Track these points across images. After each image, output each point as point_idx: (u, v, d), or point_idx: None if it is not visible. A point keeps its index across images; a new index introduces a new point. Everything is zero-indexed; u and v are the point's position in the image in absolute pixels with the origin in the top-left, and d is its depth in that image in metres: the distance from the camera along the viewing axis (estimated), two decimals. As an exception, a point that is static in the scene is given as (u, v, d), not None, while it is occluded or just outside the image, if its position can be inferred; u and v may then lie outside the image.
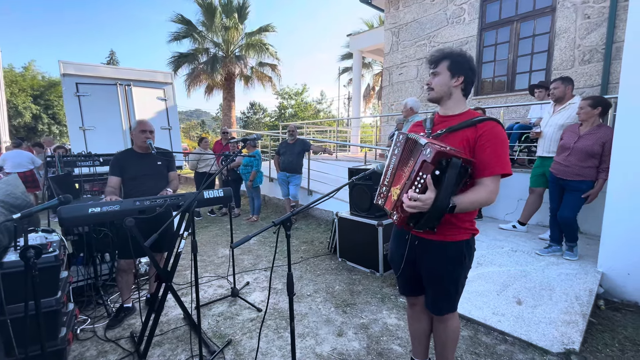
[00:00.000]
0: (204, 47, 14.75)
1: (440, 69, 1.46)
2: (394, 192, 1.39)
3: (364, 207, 3.53)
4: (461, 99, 1.48)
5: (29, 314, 1.49)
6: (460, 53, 1.47)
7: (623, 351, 2.11)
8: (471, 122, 1.39)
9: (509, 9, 5.81)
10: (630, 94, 2.59)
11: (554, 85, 3.34)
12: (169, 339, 2.33)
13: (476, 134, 1.36)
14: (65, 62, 5.36)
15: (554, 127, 3.30)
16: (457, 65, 1.44)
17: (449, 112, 1.49)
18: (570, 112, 3.23)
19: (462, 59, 1.45)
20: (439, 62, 1.47)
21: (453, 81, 1.44)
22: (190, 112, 64.02)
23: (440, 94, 1.48)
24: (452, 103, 1.48)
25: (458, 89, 1.46)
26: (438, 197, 1.20)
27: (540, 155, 3.46)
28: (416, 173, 1.24)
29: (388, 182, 1.45)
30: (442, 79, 1.46)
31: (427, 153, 1.20)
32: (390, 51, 7.69)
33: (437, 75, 1.47)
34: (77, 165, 4.09)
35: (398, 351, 2.16)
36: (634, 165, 2.58)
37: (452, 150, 1.24)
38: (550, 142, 3.33)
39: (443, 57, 1.47)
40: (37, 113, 21.17)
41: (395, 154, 1.44)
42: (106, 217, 2.00)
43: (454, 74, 1.44)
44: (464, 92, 1.48)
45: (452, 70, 1.44)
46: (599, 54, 4.88)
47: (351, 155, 9.80)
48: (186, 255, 3.88)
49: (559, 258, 3.09)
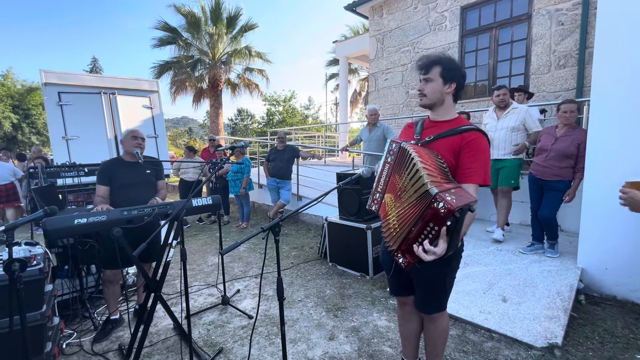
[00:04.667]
0: (189, 54, 14.67)
1: (433, 75, 1.44)
2: (388, 199, 1.41)
3: (353, 211, 3.58)
4: (452, 105, 1.50)
5: (14, 328, 1.46)
6: (451, 59, 1.46)
7: (603, 343, 2.20)
8: (458, 131, 1.43)
9: (488, 16, 6.02)
10: (600, 97, 2.72)
11: (504, 92, 3.56)
12: (159, 350, 2.30)
13: (462, 142, 1.40)
14: (47, 71, 5.27)
15: (505, 130, 3.52)
16: (450, 72, 1.43)
17: (440, 118, 1.51)
18: (517, 115, 3.49)
19: (454, 65, 1.45)
20: (431, 68, 1.45)
21: (446, 88, 1.44)
22: (177, 120, 63.29)
23: (433, 101, 1.48)
24: (443, 109, 1.50)
25: (450, 95, 1.47)
26: (452, 242, 1.20)
27: (495, 158, 3.58)
28: (425, 222, 1.20)
29: (382, 189, 1.46)
30: (435, 85, 1.45)
31: (441, 208, 1.14)
32: (375, 57, 7.84)
33: (429, 82, 1.46)
34: (61, 176, 4.01)
35: (389, 352, 2.19)
36: (607, 164, 2.71)
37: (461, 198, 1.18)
38: (505, 144, 3.53)
39: (434, 63, 1.45)
40: (17, 123, 20.56)
41: (388, 162, 1.45)
42: (93, 227, 1.97)
43: (446, 81, 1.44)
44: (454, 98, 1.49)
45: (445, 77, 1.43)
46: (573, 59, 5.11)
47: (340, 160, 9.86)
48: (175, 265, 3.83)
49: (541, 256, 3.20)
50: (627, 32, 2.57)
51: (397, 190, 1.36)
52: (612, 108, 2.66)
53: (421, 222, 1.21)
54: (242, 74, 15.83)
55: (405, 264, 1.31)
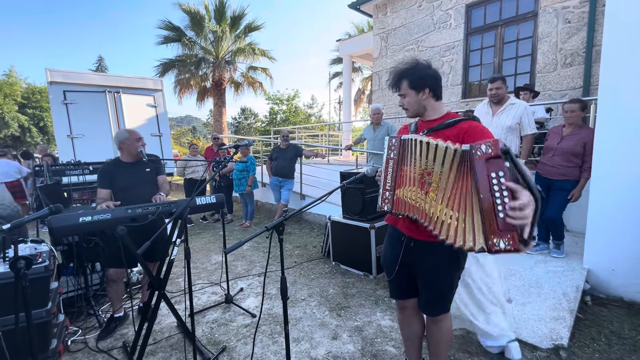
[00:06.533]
0: (193, 53, 14.70)
1: (404, 90, 1.50)
2: (401, 194, 1.38)
3: (356, 210, 3.57)
4: (436, 104, 1.52)
5: (20, 326, 1.47)
6: (415, 67, 1.48)
7: (609, 345, 2.17)
8: (449, 123, 1.44)
9: (493, 14, 5.97)
10: (608, 95, 2.69)
11: (498, 85, 3.12)
12: (163, 348, 2.31)
13: (460, 131, 1.40)
14: (52, 69, 5.31)
15: (500, 130, 3.14)
16: (418, 81, 1.46)
17: (430, 118, 1.54)
18: (514, 112, 3.12)
19: (420, 73, 1.46)
20: (399, 84, 1.50)
21: (421, 96, 1.48)
22: (181, 119, 63.47)
23: (416, 111, 1.53)
24: (430, 112, 1.52)
25: (428, 99, 1.49)
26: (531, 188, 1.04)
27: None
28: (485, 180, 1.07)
29: (390, 186, 1.44)
30: (410, 98, 1.50)
31: (486, 149, 1.07)
32: (379, 56, 7.80)
33: (404, 97, 1.51)
34: (66, 174, 4.04)
35: (392, 352, 2.18)
36: (615, 164, 2.67)
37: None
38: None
39: (400, 78, 1.50)
40: (26, 125, 20.68)
41: (391, 158, 1.44)
42: (98, 226, 1.98)
43: (418, 90, 1.47)
44: (436, 98, 1.50)
45: (415, 87, 1.47)
46: (580, 57, 5.05)
47: (343, 159, 9.85)
48: (179, 263, 3.84)
49: (547, 256, 3.17)
50: (636, 30, 2.53)
51: (419, 178, 1.33)
52: (620, 107, 2.63)
53: (482, 185, 1.05)
54: (245, 73, 15.82)
55: (512, 245, 1.06)
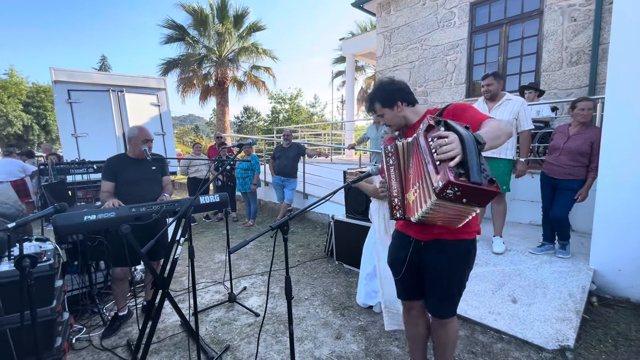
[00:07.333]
0: (196, 52, 14.73)
1: (379, 111, 1.57)
2: (410, 197, 1.36)
3: (360, 209, 3.55)
4: (413, 110, 1.56)
5: (25, 324, 1.48)
6: (379, 87, 1.57)
7: (616, 347, 2.15)
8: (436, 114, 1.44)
9: (498, 12, 5.91)
10: (616, 94, 2.65)
11: (489, 82, 3.10)
12: (167, 346, 2.32)
13: (448, 115, 1.40)
14: (56, 68, 5.32)
15: None
16: (388, 99, 1.53)
17: (412, 122, 1.56)
18: (511, 107, 3.10)
19: (386, 91, 1.54)
20: (373, 107, 1.58)
21: (396, 110, 1.53)
22: (184, 117, 63.69)
23: (398, 124, 1.58)
24: (411, 118, 1.56)
25: (404, 109, 1.54)
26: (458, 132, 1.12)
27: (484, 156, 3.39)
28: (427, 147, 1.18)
29: (397, 192, 1.43)
30: (387, 116, 1.56)
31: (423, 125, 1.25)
32: (382, 55, 7.76)
33: (382, 116, 1.59)
34: (71, 173, 4.05)
35: (396, 352, 2.17)
36: (622, 163, 2.64)
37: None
38: None
39: (372, 101, 1.58)
40: (29, 123, 20.79)
41: (391, 164, 1.44)
42: (102, 224, 1.98)
43: (391, 106, 1.53)
44: (411, 105, 1.55)
45: (388, 105, 1.53)
46: (586, 56, 4.99)
47: (346, 158, 9.84)
48: (182, 262, 3.85)
49: (552, 256, 3.14)
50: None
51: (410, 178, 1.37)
52: (627, 105, 2.59)
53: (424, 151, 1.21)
54: (248, 72, 15.84)
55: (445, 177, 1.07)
